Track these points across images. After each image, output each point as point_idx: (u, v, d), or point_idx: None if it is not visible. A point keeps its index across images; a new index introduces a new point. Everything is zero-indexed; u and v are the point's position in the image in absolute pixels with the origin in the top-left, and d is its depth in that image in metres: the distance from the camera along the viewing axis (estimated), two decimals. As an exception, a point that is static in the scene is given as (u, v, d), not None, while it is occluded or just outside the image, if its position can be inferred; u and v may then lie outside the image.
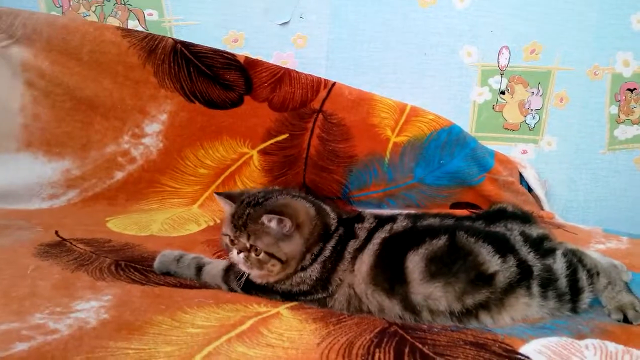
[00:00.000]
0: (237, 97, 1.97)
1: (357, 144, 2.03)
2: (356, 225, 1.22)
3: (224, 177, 1.99)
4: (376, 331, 1.04)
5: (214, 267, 1.27)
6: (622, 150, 2.22)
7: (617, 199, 2.23)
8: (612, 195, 2.23)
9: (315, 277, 1.16)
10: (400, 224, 1.21)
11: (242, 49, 2.06)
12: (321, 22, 2.09)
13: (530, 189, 2.17)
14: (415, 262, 1.11)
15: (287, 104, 2.00)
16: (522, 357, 0.96)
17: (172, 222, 1.76)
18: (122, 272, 1.28)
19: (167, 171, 1.95)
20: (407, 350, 0.97)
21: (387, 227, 1.20)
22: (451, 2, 2.10)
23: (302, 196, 1.27)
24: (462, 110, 2.18)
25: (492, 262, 1.10)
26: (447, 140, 2.05)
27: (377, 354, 0.95)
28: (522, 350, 0.98)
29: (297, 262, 1.17)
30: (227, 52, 1.96)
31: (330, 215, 1.25)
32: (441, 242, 1.13)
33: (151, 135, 1.93)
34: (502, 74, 2.16)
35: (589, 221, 2.13)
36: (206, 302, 1.13)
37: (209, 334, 0.99)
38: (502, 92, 2.18)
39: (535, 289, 1.11)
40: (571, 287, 1.13)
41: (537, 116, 2.20)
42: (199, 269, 1.28)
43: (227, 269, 1.24)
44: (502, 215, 1.33)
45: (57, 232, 1.53)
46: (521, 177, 2.18)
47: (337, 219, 1.24)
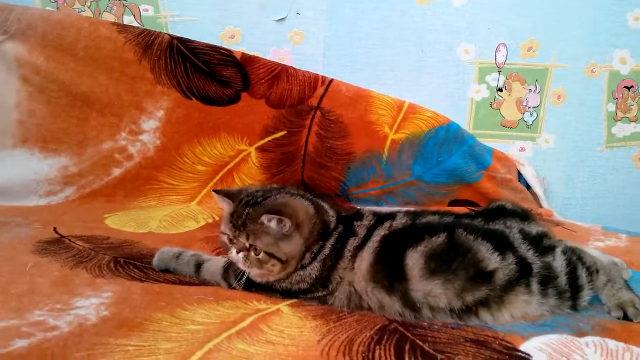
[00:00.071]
0: (234, 93, 1.96)
1: (354, 141, 2.02)
2: (355, 222, 1.22)
3: (221, 174, 1.99)
4: (376, 328, 1.04)
5: (213, 264, 1.27)
6: (620, 147, 2.22)
7: (615, 196, 2.24)
8: (609, 192, 2.24)
9: (315, 276, 1.16)
10: (399, 221, 1.21)
11: (239, 45, 2.05)
12: (318, 18, 2.09)
13: (528, 187, 2.18)
14: (414, 260, 1.11)
15: (285, 100, 1.99)
16: (523, 355, 0.96)
17: (170, 219, 1.75)
18: (121, 269, 1.28)
19: (165, 168, 1.94)
20: (407, 347, 0.97)
21: (387, 224, 1.20)
22: (448, -2, 2.10)
23: (301, 194, 1.27)
24: (459, 107, 2.18)
25: (491, 259, 1.10)
26: (445, 137, 2.05)
27: (377, 351, 0.95)
28: (523, 347, 0.98)
29: (297, 261, 1.16)
30: (223, 49, 1.95)
31: (329, 213, 1.24)
32: (440, 239, 1.13)
33: (148, 131, 1.92)
34: (499, 71, 2.17)
35: (586, 219, 2.13)
36: (206, 299, 1.12)
37: (209, 331, 0.99)
38: (500, 90, 2.19)
39: (534, 287, 1.11)
40: (571, 284, 1.14)
41: (534, 113, 2.20)
42: (198, 266, 1.27)
43: (227, 266, 1.23)
44: (501, 212, 1.33)
45: (55, 228, 1.53)
46: (519, 174, 2.18)
47: (336, 217, 1.24)
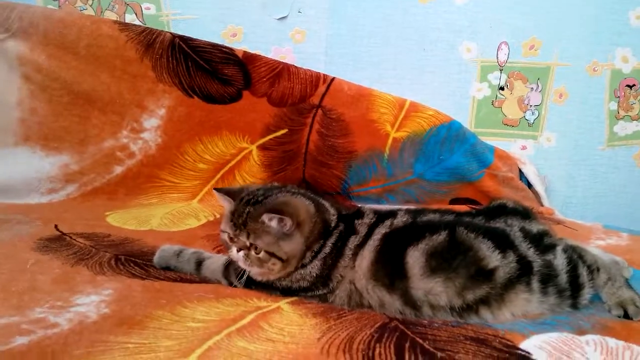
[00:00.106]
0: (235, 92, 1.96)
1: (356, 140, 2.02)
2: (356, 221, 1.22)
3: (223, 172, 1.99)
4: (377, 326, 1.04)
5: (214, 262, 1.27)
6: (621, 146, 2.22)
7: (616, 195, 2.24)
8: (611, 191, 2.24)
9: (315, 274, 1.16)
10: (400, 219, 1.21)
11: (241, 43, 2.05)
12: (320, 17, 2.09)
13: (529, 185, 2.17)
14: (415, 258, 1.10)
15: (286, 99, 1.99)
16: (523, 353, 0.96)
17: (171, 216, 1.75)
18: (122, 267, 1.28)
19: (166, 166, 1.94)
20: (407, 345, 0.97)
21: (388, 222, 1.20)
22: (450, -3, 2.10)
23: (302, 193, 1.27)
24: (461, 106, 2.18)
25: (492, 257, 1.10)
26: (447, 136, 2.04)
27: (377, 349, 0.95)
28: (523, 345, 0.98)
29: (298, 260, 1.16)
30: (225, 47, 1.95)
31: (329, 211, 1.24)
32: (441, 237, 1.13)
33: (150, 130, 1.92)
34: (501, 70, 2.16)
35: (587, 217, 2.12)
36: (206, 296, 1.12)
37: (209, 329, 0.98)
38: (502, 88, 2.18)
39: (535, 285, 1.11)
40: (571, 283, 1.13)
41: (536, 112, 2.20)
42: (199, 263, 1.27)
43: (227, 264, 1.23)
44: (502, 211, 1.33)
45: (56, 226, 1.53)
46: (521, 173, 2.18)
47: (336, 215, 1.24)
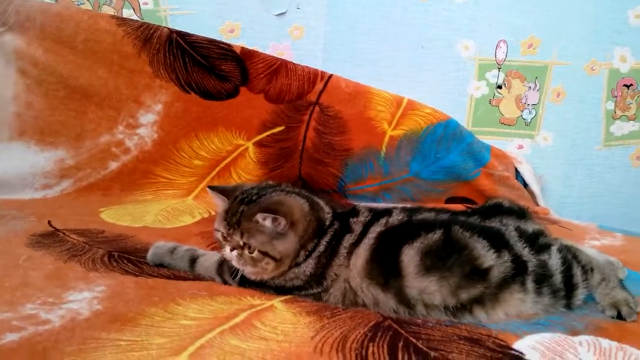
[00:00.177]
0: (232, 88, 1.95)
1: (353, 137, 2.02)
2: (351, 219, 1.22)
3: (219, 168, 1.98)
4: (370, 325, 1.04)
5: (208, 259, 1.27)
6: (618, 146, 2.22)
7: (612, 195, 2.24)
8: (607, 191, 2.24)
9: (309, 273, 1.16)
10: (395, 217, 1.21)
11: (238, 39, 2.04)
12: (318, 13, 2.08)
13: (525, 184, 2.17)
14: (410, 256, 1.10)
15: (284, 95, 1.98)
16: (516, 353, 0.95)
17: (166, 213, 1.75)
18: (115, 263, 1.27)
19: (162, 162, 1.93)
20: (401, 344, 0.97)
21: (383, 220, 1.20)
22: (450, -5, 2.09)
23: (296, 192, 1.26)
24: (459, 104, 2.17)
25: (487, 256, 1.10)
26: (444, 134, 2.04)
27: (371, 348, 0.95)
28: (516, 345, 0.98)
29: (292, 259, 1.16)
30: (223, 43, 1.94)
31: (324, 209, 1.24)
32: (436, 236, 1.12)
33: (146, 125, 1.91)
34: (499, 68, 2.16)
35: (583, 217, 2.12)
36: (200, 294, 1.12)
37: (202, 326, 0.98)
38: (499, 87, 2.18)
39: (529, 285, 1.10)
40: (566, 283, 1.13)
41: (533, 111, 2.20)
42: (193, 261, 1.27)
43: (221, 261, 1.23)
44: (497, 210, 1.32)
45: (50, 222, 1.52)
46: (517, 172, 2.17)
47: (331, 214, 1.23)
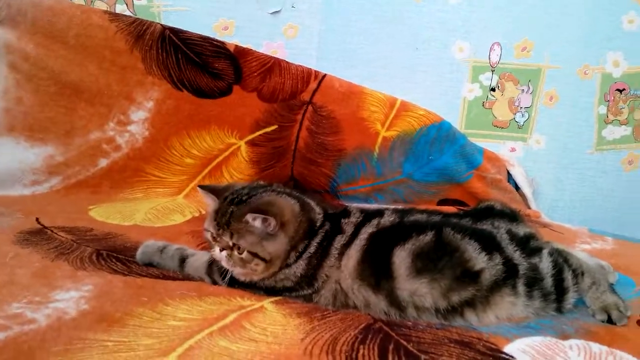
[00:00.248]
0: (225, 86, 1.94)
1: (346, 138, 2.01)
2: (342, 220, 1.21)
3: (210, 167, 1.96)
4: (361, 327, 1.03)
5: (198, 259, 1.26)
6: (610, 150, 2.23)
7: (603, 199, 2.24)
8: (598, 195, 2.24)
9: (300, 274, 1.15)
10: (387, 219, 1.20)
11: (232, 37, 2.03)
12: (313, 12, 2.07)
13: (517, 187, 2.17)
14: (401, 258, 1.10)
15: (277, 94, 1.97)
16: (507, 356, 0.96)
17: (156, 212, 1.73)
18: (103, 262, 1.26)
19: (153, 160, 1.92)
20: (391, 347, 0.96)
21: (374, 221, 1.19)
22: (444, -3, 2.09)
23: (287, 192, 1.25)
24: (452, 106, 2.17)
25: (478, 259, 1.09)
26: (437, 136, 2.04)
27: (361, 351, 0.94)
28: (507, 349, 0.98)
29: (282, 260, 1.15)
30: (216, 40, 1.93)
31: (315, 210, 1.23)
32: (428, 237, 1.12)
33: (137, 122, 1.90)
34: (492, 71, 2.16)
35: (574, 221, 2.13)
36: (189, 294, 1.11)
37: (190, 327, 0.97)
38: (493, 89, 2.18)
39: (520, 288, 1.10)
40: (556, 286, 1.13)
41: (526, 114, 2.20)
42: (183, 260, 1.26)
43: (211, 261, 1.22)
44: (489, 213, 1.33)
45: (38, 219, 1.50)
46: (509, 175, 2.18)
47: (322, 215, 1.23)
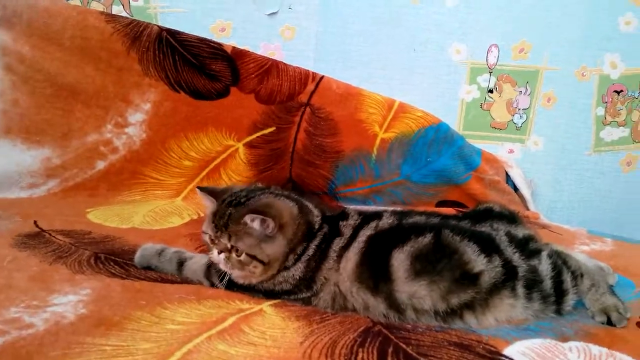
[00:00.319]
0: (223, 87, 1.93)
1: (344, 139, 2.01)
2: (341, 222, 1.21)
3: (208, 169, 1.96)
4: (360, 330, 1.03)
5: (196, 262, 1.25)
6: (608, 152, 2.23)
7: (602, 200, 2.25)
8: (596, 196, 2.25)
9: (298, 277, 1.14)
10: (385, 221, 1.20)
11: (229, 38, 2.03)
12: (310, 13, 2.07)
13: (516, 189, 2.17)
14: (400, 260, 1.10)
15: (275, 96, 1.97)
16: (506, 359, 0.95)
17: (154, 214, 1.73)
18: (101, 266, 1.25)
19: (151, 162, 1.91)
20: (390, 350, 0.96)
21: (373, 224, 1.19)
22: (442, -2, 2.09)
23: (285, 194, 1.25)
24: (450, 107, 2.17)
25: (477, 261, 1.09)
26: (435, 137, 2.04)
27: (360, 354, 0.94)
28: (506, 351, 0.98)
29: (280, 263, 1.14)
30: (213, 42, 1.92)
31: (313, 212, 1.23)
32: (426, 240, 1.12)
33: (134, 124, 1.89)
34: (490, 73, 2.16)
35: (572, 222, 2.13)
36: (187, 298, 1.10)
37: (189, 331, 0.97)
38: (490, 91, 2.18)
39: (520, 290, 1.10)
40: (556, 288, 1.13)
41: (524, 115, 2.20)
42: (181, 263, 1.25)
43: (209, 264, 1.21)
44: (488, 215, 1.32)
45: (36, 222, 1.49)
46: (507, 176, 2.18)
47: (320, 217, 1.22)
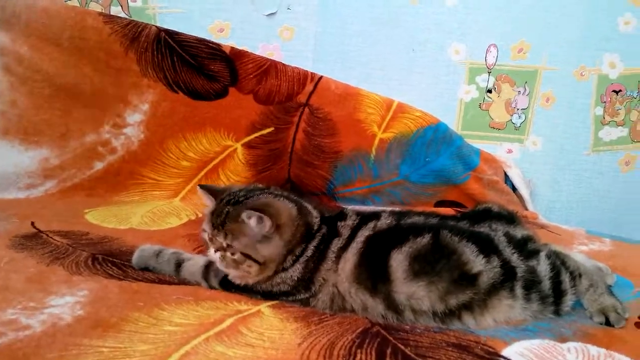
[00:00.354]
0: (221, 88, 1.93)
1: (342, 140, 2.01)
2: (339, 223, 1.20)
3: (207, 170, 1.96)
4: (358, 331, 1.03)
5: (194, 263, 1.25)
6: (607, 152, 2.23)
7: (600, 200, 2.24)
8: (595, 196, 2.24)
9: (296, 278, 1.14)
10: (384, 221, 1.20)
11: (228, 39, 2.02)
12: (309, 14, 2.07)
13: (514, 189, 2.17)
14: (398, 261, 1.09)
15: (273, 96, 1.97)
16: (504, 360, 0.95)
17: (152, 215, 1.72)
18: (99, 267, 1.25)
19: (149, 163, 1.91)
20: (389, 351, 0.96)
21: (371, 224, 1.19)
22: (441, -1, 2.08)
23: (285, 195, 1.24)
24: (449, 107, 2.17)
25: (475, 262, 1.09)
26: (434, 137, 2.04)
27: (358, 355, 0.94)
28: (505, 352, 0.97)
29: (277, 264, 1.14)
30: (212, 42, 1.92)
31: (312, 213, 1.22)
32: (425, 240, 1.11)
33: (133, 125, 1.89)
34: (489, 72, 2.16)
35: (571, 222, 2.13)
36: (185, 299, 1.10)
37: (187, 333, 0.96)
38: (489, 91, 2.18)
39: (518, 291, 1.10)
40: (554, 289, 1.13)
41: (523, 115, 2.20)
42: (179, 264, 1.25)
43: (207, 265, 1.21)
44: (487, 215, 1.32)
45: (33, 223, 1.49)
46: (506, 176, 2.17)
47: (319, 218, 1.22)
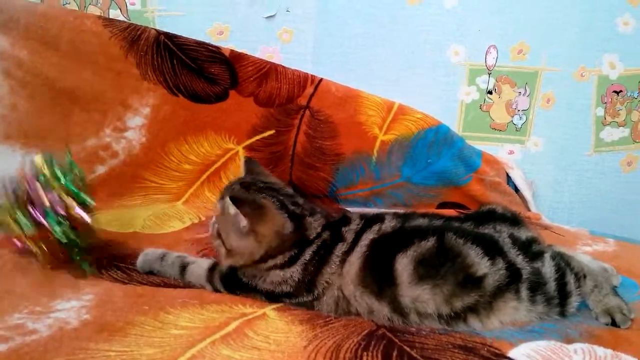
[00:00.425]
0: (222, 91, 1.93)
1: (344, 142, 2.01)
2: (343, 228, 1.20)
3: (208, 173, 1.95)
4: (364, 334, 1.03)
5: (198, 266, 1.25)
6: (608, 152, 2.23)
7: (602, 200, 2.24)
8: (597, 197, 2.24)
9: (297, 279, 1.14)
10: (388, 224, 1.20)
11: (227, 42, 2.02)
12: (308, 16, 2.06)
13: (517, 190, 2.17)
14: (404, 264, 1.09)
15: (274, 99, 1.97)
16: (511, 362, 0.95)
17: (155, 218, 1.71)
18: (104, 271, 1.25)
19: (150, 166, 1.90)
20: (395, 353, 0.96)
21: (375, 227, 1.19)
22: (440, 0, 2.07)
23: (290, 210, 1.21)
24: (449, 109, 2.16)
25: (481, 264, 1.09)
26: (435, 139, 2.04)
27: (364, 357, 0.94)
28: (511, 354, 0.98)
29: (247, 259, 1.17)
30: (212, 45, 1.92)
31: (312, 225, 1.21)
32: (430, 243, 1.11)
33: (134, 129, 1.88)
34: (489, 74, 2.16)
35: (573, 222, 2.13)
36: (190, 302, 1.10)
37: (192, 336, 0.96)
38: (490, 92, 2.18)
39: (524, 293, 1.10)
40: (559, 290, 1.13)
41: (524, 117, 2.20)
42: (183, 268, 1.25)
43: (212, 268, 1.22)
44: (491, 216, 1.32)
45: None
46: (508, 177, 2.17)
47: (320, 227, 1.21)
